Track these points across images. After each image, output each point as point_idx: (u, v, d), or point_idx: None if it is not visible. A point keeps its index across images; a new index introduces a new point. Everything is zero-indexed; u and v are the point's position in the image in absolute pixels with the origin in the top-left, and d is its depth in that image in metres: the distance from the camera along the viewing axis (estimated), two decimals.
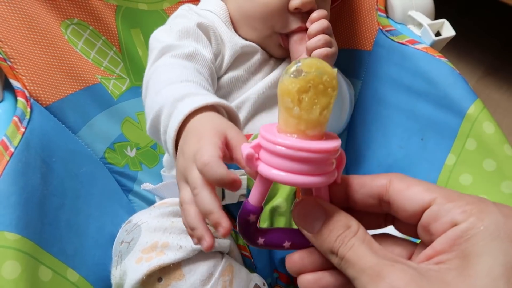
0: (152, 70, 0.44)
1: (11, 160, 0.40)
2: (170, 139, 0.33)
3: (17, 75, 0.47)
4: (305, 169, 0.24)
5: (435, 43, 0.56)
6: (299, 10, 0.50)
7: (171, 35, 0.48)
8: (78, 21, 0.56)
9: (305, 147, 0.24)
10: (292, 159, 0.24)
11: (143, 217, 0.43)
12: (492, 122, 0.48)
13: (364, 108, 0.61)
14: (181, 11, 0.54)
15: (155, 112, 0.37)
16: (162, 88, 0.38)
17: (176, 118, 0.33)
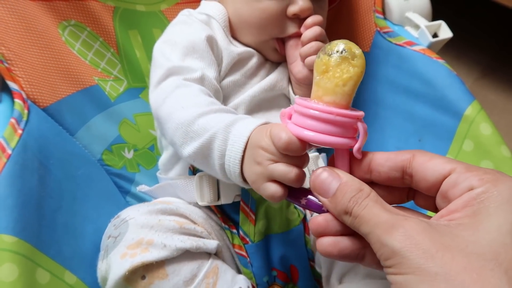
0: (165, 95, 0.44)
1: (8, 162, 0.40)
2: (237, 157, 0.37)
3: (14, 77, 0.47)
4: (327, 129, 0.30)
5: (432, 45, 0.56)
6: (297, 16, 0.50)
7: (176, 52, 0.47)
8: (76, 22, 0.56)
9: (315, 106, 0.30)
10: (315, 119, 0.30)
11: (131, 212, 0.43)
12: (489, 123, 0.49)
13: (362, 109, 0.61)
14: (182, 17, 0.54)
15: (204, 140, 0.39)
16: (198, 118, 0.40)
17: (240, 139, 0.37)
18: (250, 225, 0.46)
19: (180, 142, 0.42)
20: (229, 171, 0.38)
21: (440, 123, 0.51)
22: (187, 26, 0.52)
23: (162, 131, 0.45)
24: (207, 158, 0.40)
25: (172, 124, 0.42)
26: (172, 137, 0.43)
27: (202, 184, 0.47)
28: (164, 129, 0.44)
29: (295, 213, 0.48)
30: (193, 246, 0.41)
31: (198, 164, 0.43)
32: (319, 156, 0.53)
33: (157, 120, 0.46)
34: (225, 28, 0.53)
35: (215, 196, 0.47)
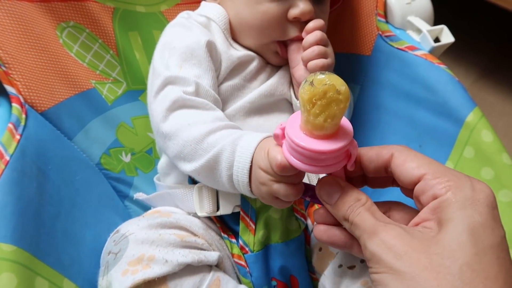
0: (168, 108, 0.44)
1: (6, 169, 0.39)
2: (245, 168, 0.38)
3: (12, 81, 0.46)
4: (319, 163, 0.32)
5: (434, 49, 0.56)
6: (298, 19, 0.49)
7: (174, 57, 0.47)
8: (74, 24, 0.55)
9: (307, 147, 0.31)
10: (301, 154, 0.31)
11: (131, 227, 0.43)
12: (490, 130, 0.48)
13: (363, 114, 0.61)
14: (181, 19, 0.53)
15: (212, 155, 0.40)
16: (207, 136, 0.41)
17: (247, 150, 0.39)
18: (250, 234, 0.46)
19: (187, 158, 0.42)
20: (237, 182, 0.39)
21: (441, 129, 0.51)
22: (186, 30, 0.51)
23: (164, 145, 0.45)
24: (213, 171, 0.41)
25: (178, 141, 0.42)
26: (178, 153, 0.43)
27: (202, 195, 0.46)
28: (167, 145, 0.44)
29: (295, 223, 0.47)
30: (195, 260, 0.40)
31: (202, 177, 0.43)
32: None
33: (158, 133, 0.46)
34: (225, 31, 0.53)
35: (215, 207, 0.46)
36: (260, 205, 0.46)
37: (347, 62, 0.63)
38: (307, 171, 0.33)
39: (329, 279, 0.43)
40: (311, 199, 0.37)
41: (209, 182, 0.43)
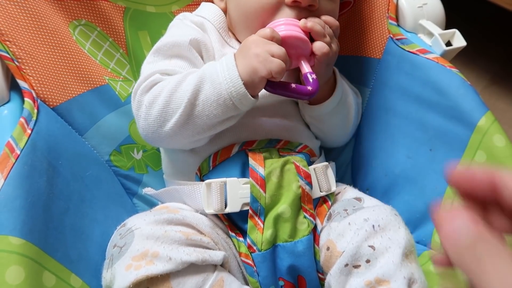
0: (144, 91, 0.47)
1: (16, 163, 0.39)
2: (230, 60, 0.44)
3: (25, 76, 0.47)
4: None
5: (445, 53, 0.56)
6: (297, 4, 0.48)
7: (157, 52, 0.51)
8: (86, 22, 0.56)
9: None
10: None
11: (137, 221, 0.42)
12: (503, 135, 0.48)
13: (373, 117, 0.61)
14: (176, 20, 0.55)
15: (197, 79, 0.44)
16: (186, 76, 0.46)
17: (227, 57, 0.44)
18: (258, 233, 0.46)
19: (175, 106, 0.44)
20: (231, 84, 0.43)
21: (452, 133, 0.51)
22: (177, 29, 0.53)
23: (148, 117, 0.46)
24: (201, 94, 0.44)
25: (162, 97, 0.45)
26: (164, 108, 0.45)
27: (210, 192, 0.46)
28: (150, 112, 0.46)
29: (304, 222, 0.47)
30: (199, 259, 0.40)
31: (194, 119, 0.45)
32: (328, 165, 0.53)
33: (140, 110, 0.47)
34: (221, 30, 0.53)
35: (223, 204, 0.46)
36: (269, 203, 0.46)
37: (357, 65, 0.63)
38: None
39: (334, 278, 0.42)
40: (296, 87, 0.44)
41: (203, 115, 0.45)
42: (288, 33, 0.45)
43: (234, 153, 0.49)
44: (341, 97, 0.55)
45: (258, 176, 0.47)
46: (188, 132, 0.46)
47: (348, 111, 0.57)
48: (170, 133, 0.45)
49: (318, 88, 0.45)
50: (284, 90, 0.45)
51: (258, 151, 0.49)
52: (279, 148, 0.51)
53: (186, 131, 0.45)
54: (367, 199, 0.50)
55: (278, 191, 0.47)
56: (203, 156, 0.50)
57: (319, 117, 0.55)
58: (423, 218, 0.54)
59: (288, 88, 0.44)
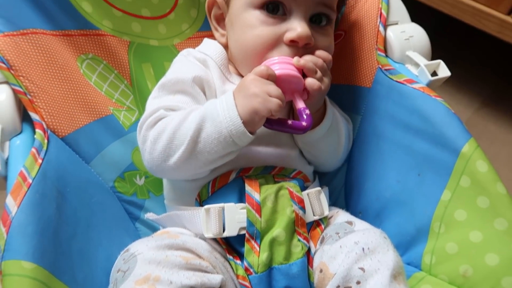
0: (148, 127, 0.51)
1: (29, 191, 0.42)
2: (229, 98, 0.47)
3: (36, 108, 0.50)
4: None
5: (431, 83, 0.59)
6: (295, 43, 0.51)
7: (162, 87, 0.54)
8: (93, 56, 0.59)
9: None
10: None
11: (140, 247, 0.45)
12: (485, 161, 0.50)
13: (364, 142, 0.64)
14: (180, 56, 0.58)
15: (199, 117, 0.47)
16: (189, 113, 0.49)
17: (227, 96, 0.48)
18: (255, 256, 0.48)
19: (179, 141, 0.47)
20: (227, 114, 0.46)
21: (439, 159, 0.53)
22: (181, 65, 0.56)
23: (153, 151, 0.49)
24: (203, 131, 0.47)
25: (166, 133, 0.48)
26: (169, 143, 0.48)
27: (209, 217, 0.49)
28: (155, 148, 0.48)
29: (299, 245, 0.50)
30: (198, 283, 0.42)
31: (197, 154, 0.48)
32: (321, 190, 0.55)
33: (145, 145, 0.50)
34: (222, 66, 0.57)
35: (221, 229, 0.49)
36: (264, 227, 0.49)
37: (349, 93, 0.66)
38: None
39: None
40: (292, 123, 0.48)
41: (205, 152, 0.47)
42: (282, 71, 0.49)
43: (231, 180, 0.52)
44: (331, 123, 0.58)
45: (254, 202, 0.49)
46: (190, 167, 0.49)
47: (338, 136, 0.60)
48: (174, 167, 0.48)
49: (311, 123, 0.48)
50: (281, 127, 0.48)
51: (254, 178, 0.52)
52: (274, 174, 0.54)
53: (189, 165, 0.48)
54: (358, 222, 0.53)
55: (273, 216, 0.49)
56: (202, 183, 0.53)
57: (311, 143, 0.58)
58: (413, 240, 0.56)
59: (285, 125, 0.48)
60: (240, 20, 0.54)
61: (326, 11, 0.54)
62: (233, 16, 0.55)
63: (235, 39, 0.56)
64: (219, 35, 0.60)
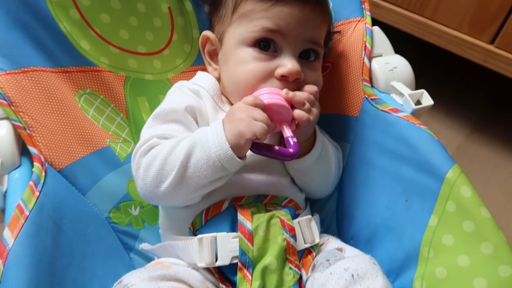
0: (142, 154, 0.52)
1: (25, 223, 0.43)
2: (218, 125, 0.49)
3: (35, 142, 0.51)
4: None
5: (415, 111, 0.61)
6: (286, 78, 0.54)
7: (156, 117, 0.56)
8: (91, 91, 0.62)
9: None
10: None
11: (133, 279, 0.45)
12: (469, 186, 0.52)
13: (353, 170, 0.66)
14: (174, 88, 0.61)
15: (189, 144, 0.49)
16: (180, 140, 0.50)
17: (216, 123, 0.50)
18: (247, 285, 0.49)
19: (169, 167, 0.49)
20: (216, 140, 0.47)
21: (425, 185, 0.55)
22: (174, 96, 0.59)
23: (145, 178, 0.50)
24: (192, 156, 0.48)
25: (158, 159, 0.49)
26: (161, 169, 0.49)
27: (202, 246, 0.50)
28: (147, 174, 0.50)
29: (290, 273, 0.50)
30: None
31: (188, 179, 0.49)
32: (311, 218, 0.57)
33: (138, 172, 0.52)
34: (215, 97, 0.59)
35: (213, 258, 0.50)
36: (256, 255, 0.50)
37: (338, 122, 0.69)
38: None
39: None
40: (279, 149, 0.49)
41: (195, 177, 0.49)
42: (271, 100, 0.51)
43: (224, 209, 0.54)
44: (321, 151, 0.60)
45: (246, 230, 0.51)
46: (181, 192, 0.50)
47: (328, 164, 0.62)
48: (166, 193, 0.50)
49: (298, 151, 0.49)
50: (268, 152, 0.50)
51: (247, 207, 0.53)
52: (266, 203, 0.55)
53: (180, 190, 0.50)
54: (348, 249, 0.54)
55: (264, 244, 0.51)
56: (196, 212, 0.54)
57: (302, 170, 0.59)
58: (404, 266, 0.57)
59: (272, 150, 0.49)
60: (233, 56, 0.57)
61: (314, 47, 0.58)
62: (227, 52, 0.58)
63: (228, 73, 0.58)
64: (212, 69, 0.63)
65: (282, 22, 0.54)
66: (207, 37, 0.62)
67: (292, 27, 0.54)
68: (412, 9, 1.10)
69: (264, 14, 0.54)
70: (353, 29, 0.69)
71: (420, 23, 1.09)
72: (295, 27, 0.54)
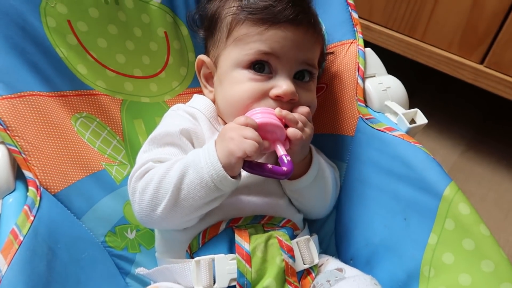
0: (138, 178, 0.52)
1: (19, 249, 0.43)
2: (211, 146, 0.49)
3: (30, 166, 0.51)
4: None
5: (410, 130, 0.62)
6: (280, 99, 0.55)
7: (151, 141, 0.56)
8: (87, 114, 0.62)
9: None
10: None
11: None
12: (467, 203, 0.52)
13: (350, 189, 0.66)
14: (170, 111, 0.62)
15: (183, 166, 0.49)
16: (174, 163, 0.50)
17: (209, 145, 0.49)
18: None
19: (163, 190, 0.49)
20: (211, 167, 0.47)
21: (422, 203, 0.55)
22: (170, 119, 0.59)
23: (141, 202, 0.50)
24: (185, 178, 0.48)
25: (153, 183, 0.49)
26: (155, 193, 0.49)
27: (199, 269, 0.49)
28: (143, 198, 0.50)
29: None
30: None
31: (182, 202, 0.49)
32: (310, 238, 0.56)
33: (134, 196, 0.52)
34: (211, 119, 0.60)
35: (211, 281, 0.49)
36: (255, 277, 0.49)
37: (333, 142, 0.69)
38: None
39: None
40: (272, 168, 0.49)
41: (189, 198, 0.48)
42: (264, 120, 0.51)
43: (221, 230, 0.53)
44: (317, 171, 0.60)
45: (244, 252, 0.50)
46: (177, 214, 0.50)
47: (325, 184, 0.62)
48: (162, 216, 0.49)
49: (292, 169, 0.49)
50: (262, 171, 0.49)
51: (244, 228, 0.53)
52: (264, 224, 0.55)
53: (175, 213, 0.49)
54: (349, 269, 0.53)
55: (263, 265, 0.50)
56: (193, 234, 0.54)
57: (299, 191, 0.59)
58: (405, 285, 0.56)
59: (265, 169, 0.49)
60: (228, 78, 0.58)
61: (308, 68, 0.59)
62: (222, 75, 0.59)
63: (223, 94, 0.59)
64: (207, 92, 0.63)
65: (276, 45, 0.55)
66: (202, 61, 0.63)
67: (286, 49, 0.55)
68: (402, 31, 1.12)
69: (258, 38, 0.55)
70: (346, 51, 0.70)
71: (410, 44, 1.12)
72: (289, 49, 0.55)
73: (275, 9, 0.54)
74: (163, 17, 0.69)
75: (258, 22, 0.55)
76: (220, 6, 0.61)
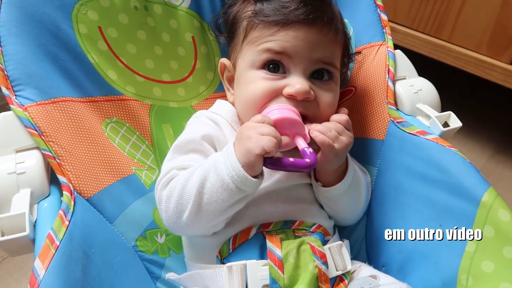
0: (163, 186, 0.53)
1: (56, 254, 0.43)
2: (230, 147, 0.49)
3: (64, 171, 0.52)
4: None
5: (443, 134, 0.60)
6: (294, 97, 0.54)
7: (175, 148, 0.57)
8: (117, 119, 0.62)
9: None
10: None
11: None
12: (507, 209, 0.50)
13: (382, 194, 0.64)
14: (193, 118, 0.62)
15: (203, 175, 0.49)
16: (196, 168, 0.50)
17: (228, 147, 0.49)
18: None
19: (187, 196, 0.49)
20: (231, 168, 0.46)
21: (459, 209, 0.53)
22: (194, 126, 0.60)
23: (167, 209, 0.51)
24: (207, 182, 0.48)
25: (177, 190, 0.50)
26: (179, 199, 0.49)
27: (231, 275, 0.49)
28: (169, 205, 0.50)
29: None
30: None
31: (204, 206, 0.48)
32: (342, 244, 0.55)
33: (161, 204, 0.52)
34: (233, 123, 0.60)
35: (243, 286, 0.48)
36: (288, 284, 0.48)
37: (364, 146, 0.68)
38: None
39: None
40: (295, 161, 0.47)
41: (212, 202, 0.48)
42: (280, 116, 0.51)
43: (252, 236, 0.52)
44: (352, 179, 0.58)
45: (276, 258, 0.49)
46: (203, 219, 0.49)
47: (359, 191, 0.61)
48: (188, 223, 0.49)
49: (315, 160, 0.48)
50: (283, 165, 0.47)
51: (275, 233, 0.52)
52: (294, 229, 0.54)
53: (201, 218, 0.49)
54: (383, 276, 0.52)
55: (295, 272, 0.49)
56: (222, 240, 0.53)
57: (333, 198, 0.58)
58: None
59: (287, 163, 0.47)
60: (243, 78, 0.58)
61: (326, 67, 0.57)
62: (239, 76, 0.60)
63: (239, 95, 0.59)
64: (230, 94, 0.64)
65: (288, 44, 0.54)
66: (224, 64, 0.64)
67: (299, 49, 0.54)
68: (429, 32, 1.10)
69: (270, 39, 0.55)
70: (376, 53, 0.69)
71: (437, 46, 1.09)
72: (302, 48, 0.55)
73: (286, 10, 0.54)
74: (190, 22, 0.69)
75: (270, 24, 0.55)
76: (239, 10, 0.62)
